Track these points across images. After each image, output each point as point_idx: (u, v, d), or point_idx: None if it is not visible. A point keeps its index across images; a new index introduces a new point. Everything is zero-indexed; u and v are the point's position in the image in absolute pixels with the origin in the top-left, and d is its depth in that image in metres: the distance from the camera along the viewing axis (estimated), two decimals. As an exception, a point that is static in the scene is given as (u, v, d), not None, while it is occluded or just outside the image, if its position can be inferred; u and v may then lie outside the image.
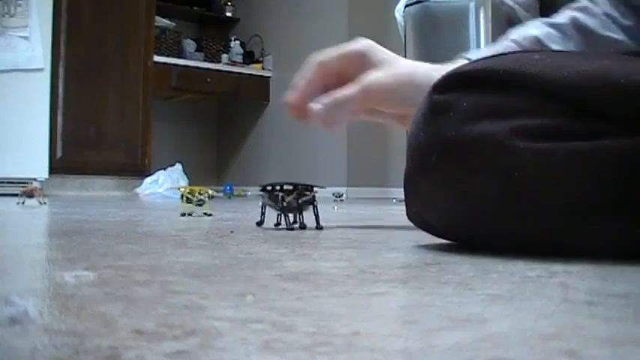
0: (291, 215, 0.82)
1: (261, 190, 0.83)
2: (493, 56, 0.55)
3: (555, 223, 0.47)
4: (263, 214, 0.83)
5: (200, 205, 1.11)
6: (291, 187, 0.82)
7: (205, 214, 1.11)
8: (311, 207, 0.83)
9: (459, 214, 0.52)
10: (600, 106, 0.46)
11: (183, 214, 1.10)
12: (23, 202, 1.64)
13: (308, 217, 0.82)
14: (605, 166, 0.45)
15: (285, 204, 0.81)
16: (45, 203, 1.66)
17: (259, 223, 0.83)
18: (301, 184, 0.82)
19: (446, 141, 0.50)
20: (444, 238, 0.58)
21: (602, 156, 0.45)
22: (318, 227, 0.82)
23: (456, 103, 0.51)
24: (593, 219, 0.46)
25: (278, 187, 0.81)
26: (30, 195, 1.69)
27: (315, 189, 0.83)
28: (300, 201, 0.81)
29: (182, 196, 1.13)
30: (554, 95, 0.47)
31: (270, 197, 0.82)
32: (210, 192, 1.14)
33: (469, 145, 0.49)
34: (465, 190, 0.50)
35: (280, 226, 0.83)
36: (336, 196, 2.80)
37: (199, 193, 1.12)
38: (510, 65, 0.50)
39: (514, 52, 0.62)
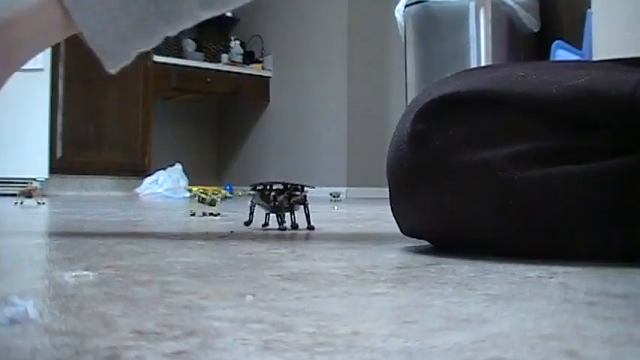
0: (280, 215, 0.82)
1: (252, 190, 0.82)
2: (473, 75, 0.54)
3: (556, 237, 0.47)
4: (252, 213, 0.82)
5: (213, 205, 1.13)
6: (281, 187, 0.81)
7: (211, 214, 1.12)
8: (301, 207, 0.82)
9: (453, 234, 0.52)
10: (591, 120, 0.45)
11: (192, 214, 1.12)
12: (22, 203, 1.64)
13: (299, 216, 0.82)
14: (601, 185, 0.44)
15: (276, 203, 0.80)
16: (43, 203, 1.66)
17: (247, 223, 0.82)
18: (290, 184, 0.81)
19: (434, 170, 0.50)
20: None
21: (598, 176, 0.44)
22: (310, 227, 0.81)
23: (442, 130, 0.50)
24: (593, 232, 0.46)
25: (268, 187, 0.81)
26: (28, 195, 1.69)
27: (305, 189, 0.83)
28: (291, 201, 0.81)
29: (195, 195, 1.15)
30: (544, 113, 0.47)
31: (261, 196, 0.81)
32: (223, 192, 1.16)
33: (461, 174, 0.48)
34: (455, 215, 0.50)
35: (267, 227, 0.82)
36: (333, 196, 2.78)
37: (213, 193, 1.14)
38: (496, 85, 0.49)
39: (495, 68, 0.57)
